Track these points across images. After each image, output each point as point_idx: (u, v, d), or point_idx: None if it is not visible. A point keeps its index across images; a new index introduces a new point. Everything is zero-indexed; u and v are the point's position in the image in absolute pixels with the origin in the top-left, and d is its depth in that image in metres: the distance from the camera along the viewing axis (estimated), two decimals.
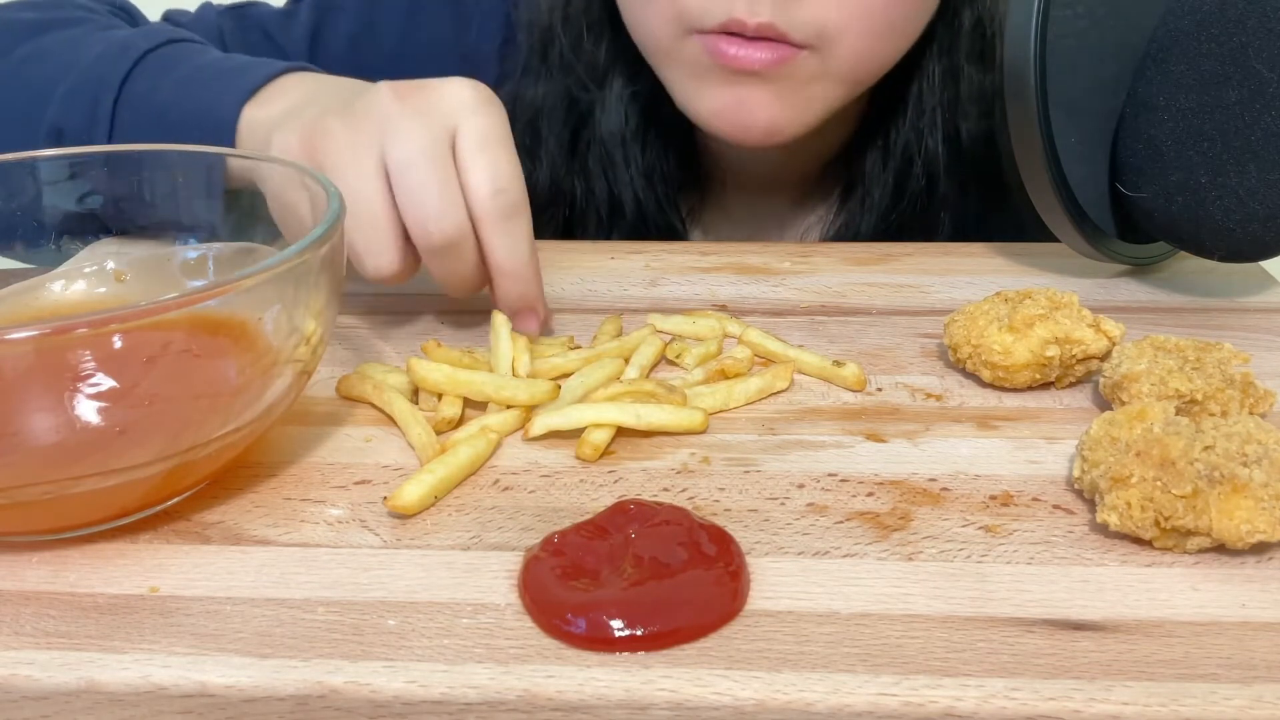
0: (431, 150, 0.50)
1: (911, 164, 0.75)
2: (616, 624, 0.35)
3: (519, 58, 0.79)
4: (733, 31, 0.63)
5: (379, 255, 0.51)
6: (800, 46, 0.64)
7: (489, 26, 0.82)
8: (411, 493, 0.41)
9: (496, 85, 0.62)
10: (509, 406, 0.47)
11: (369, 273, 0.51)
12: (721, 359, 0.52)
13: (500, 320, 0.51)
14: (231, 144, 0.61)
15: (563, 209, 0.79)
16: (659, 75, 0.70)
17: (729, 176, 0.81)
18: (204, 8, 0.84)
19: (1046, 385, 0.51)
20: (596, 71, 0.76)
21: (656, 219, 0.78)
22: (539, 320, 0.54)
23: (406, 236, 0.51)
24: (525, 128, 0.77)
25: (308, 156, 0.51)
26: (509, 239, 0.51)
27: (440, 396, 0.48)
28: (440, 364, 0.48)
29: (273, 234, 0.50)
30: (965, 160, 0.76)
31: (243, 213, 0.50)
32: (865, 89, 0.70)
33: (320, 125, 0.52)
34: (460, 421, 0.47)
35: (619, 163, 0.77)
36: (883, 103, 0.74)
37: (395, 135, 0.50)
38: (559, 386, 0.48)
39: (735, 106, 0.66)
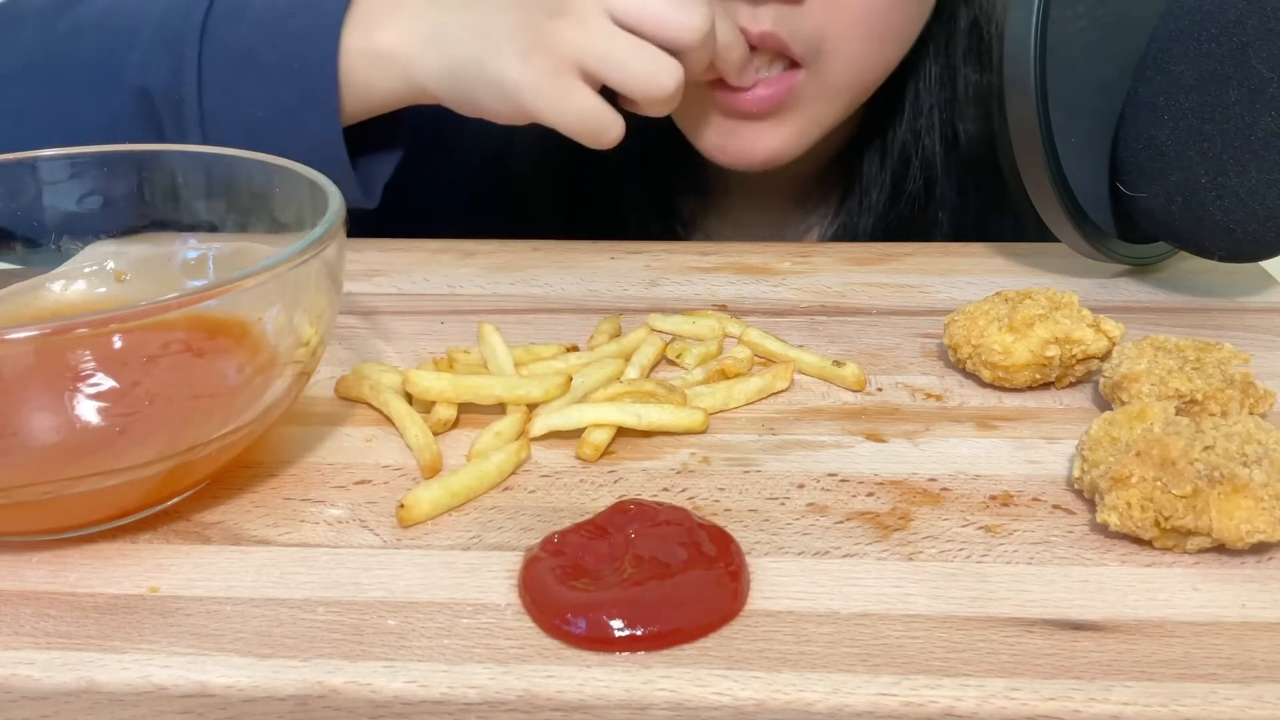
0: None
1: (909, 165, 0.75)
2: (616, 624, 0.35)
3: None
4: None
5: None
6: (797, 65, 0.64)
7: None
8: (423, 508, 0.41)
9: None
10: (526, 405, 0.47)
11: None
12: (721, 359, 0.52)
13: (489, 329, 0.51)
14: (334, 78, 0.61)
15: (563, 213, 0.79)
16: None
17: (728, 181, 0.81)
18: None
19: (1046, 385, 0.51)
20: None
21: (657, 224, 0.78)
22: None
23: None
24: (526, 131, 0.77)
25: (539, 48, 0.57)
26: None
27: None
28: (441, 373, 0.47)
29: (273, 234, 0.50)
30: (963, 161, 0.76)
31: (243, 213, 0.50)
32: (863, 99, 0.70)
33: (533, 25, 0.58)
34: (456, 423, 0.47)
35: (619, 168, 0.77)
36: (880, 104, 0.74)
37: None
38: (570, 378, 0.48)
39: (735, 141, 0.68)
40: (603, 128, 0.58)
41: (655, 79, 0.57)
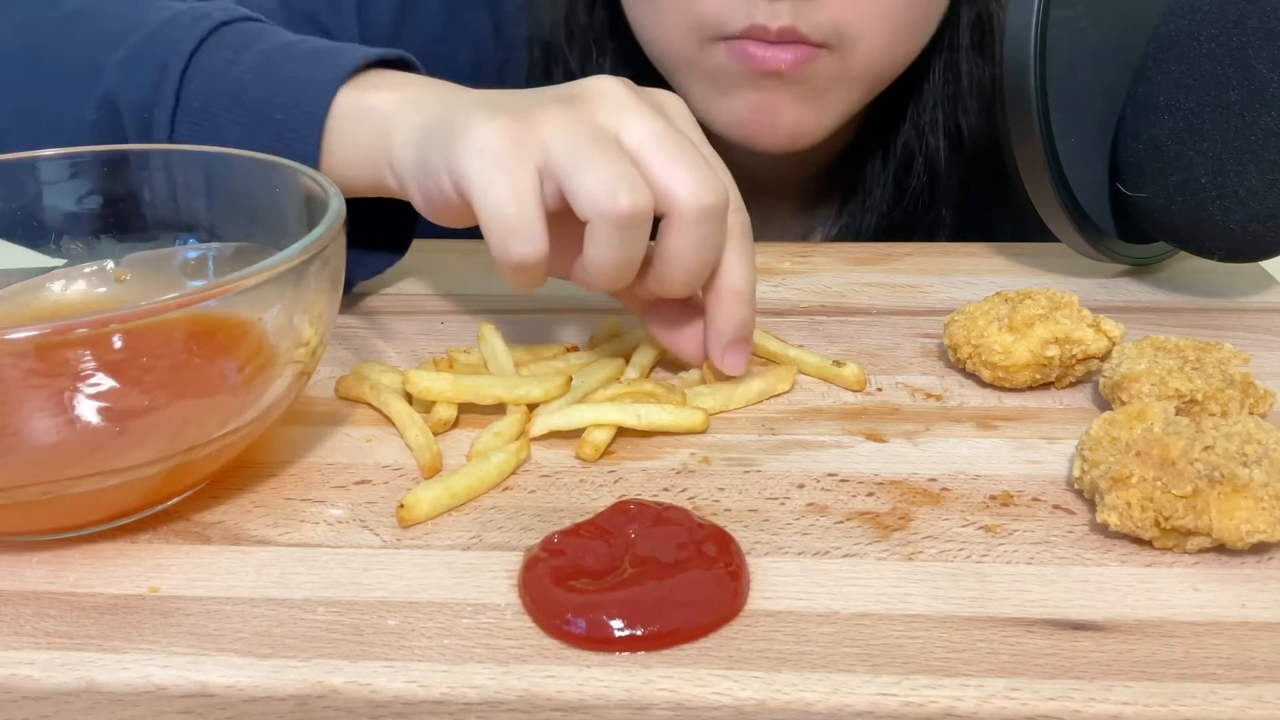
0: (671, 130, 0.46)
1: (911, 162, 0.75)
2: (616, 624, 0.35)
3: (520, 74, 0.78)
4: (754, 37, 0.63)
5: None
6: (820, 46, 0.64)
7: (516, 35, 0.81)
8: (422, 508, 0.41)
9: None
10: (526, 405, 0.47)
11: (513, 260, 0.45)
12: None
13: (489, 329, 0.51)
14: (320, 128, 0.54)
15: None
16: (677, 88, 0.70)
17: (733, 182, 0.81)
18: None
19: (1046, 385, 0.51)
20: None
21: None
22: (749, 355, 0.49)
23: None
24: None
25: (517, 137, 0.45)
26: (745, 257, 0.48)
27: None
28: (441, 373, 0.47)
29: (273, 234, 0.50)
30: (966, 155, 0.76)
31: (243, 213, 0.50)
32: (882, 88, 0.70)
33: (530, 110, 0.46)
34: (456, 423, 0.47)
35: None
36: (884, 103, 0.74)
37: (632, 115, 0.46)
38: (570, 378, 0.48)
39: (759, 112, 0.67)
40: (518, 227, 0.44)
41: (615, 193, 0.43)
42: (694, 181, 0.44)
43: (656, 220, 0.46)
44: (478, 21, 0.81)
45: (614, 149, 0.45)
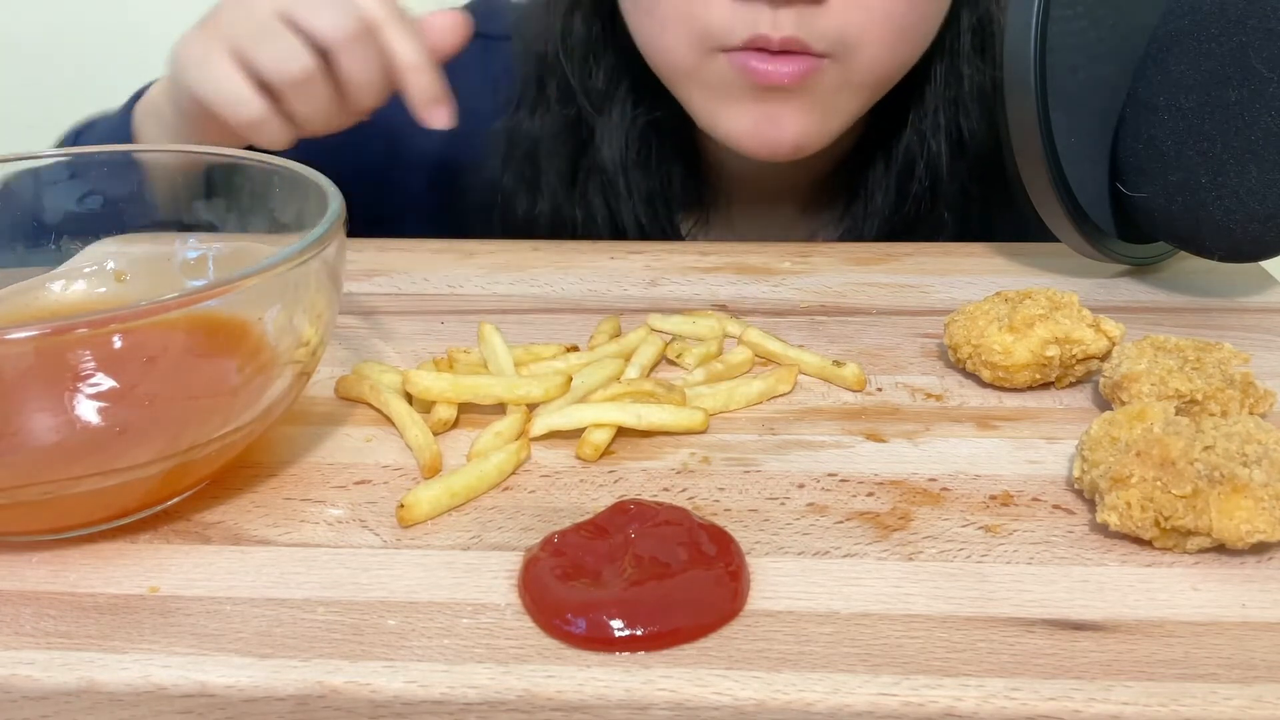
0: None
1: (914, 166, 0.75)
2: (616, 624, 0.35)
3: (514, 90, 0.78)
4: (758, 47, 0.63)
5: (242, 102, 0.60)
6: (822, 56, 0.64)
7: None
8: (422, 508, 0.41)
9: (494, 117, 0.66)
10: (526, 405, 0.47)
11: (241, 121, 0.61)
12: (724, 357, 0.52)
13: (489, 329, 0.51)
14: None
15: (565, 236, 0.79)
16: (679, 97, 0.70)
17: (734, 190, 0.81)
18: None
19: (1046, 385, 0.51)
20: (596, 99, 0.75)
21: (660, 241, 0.78)
22: (451, 109, 0.62)
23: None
24: (523, 160, 0.77)
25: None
26: (409, 36, 0.61)
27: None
28: (441, 373, 0.47)
29: (273, 234, 0.50)
30: (968, 159, 0.76)
31: (243, 212, 0.50)
32: (884, 93, 0.70)
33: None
34: (456, 423, 0.47)
35: (620, 190, 0.76)
36: (886, 107, 0.74)
37: None
38: (570, 378, 0.48)
39: (764, 123, 0.67)
40: (237, 100, 0.61)
41: (284, 61, 0.61)
42: (328, 21, 0.60)
43: None
44: None
45: (270, 26, 0.60)
